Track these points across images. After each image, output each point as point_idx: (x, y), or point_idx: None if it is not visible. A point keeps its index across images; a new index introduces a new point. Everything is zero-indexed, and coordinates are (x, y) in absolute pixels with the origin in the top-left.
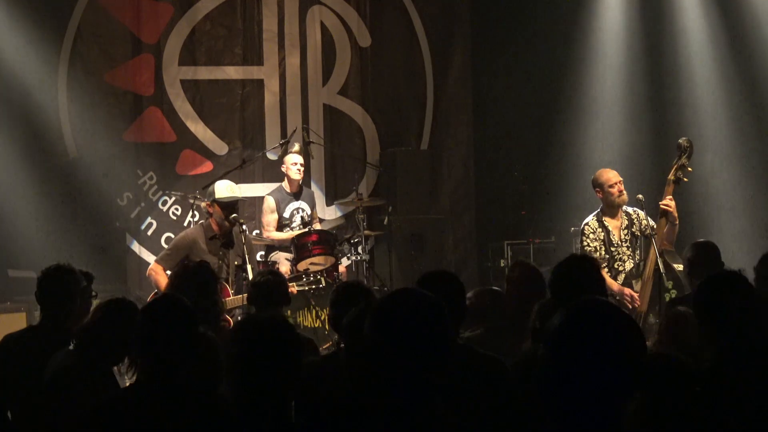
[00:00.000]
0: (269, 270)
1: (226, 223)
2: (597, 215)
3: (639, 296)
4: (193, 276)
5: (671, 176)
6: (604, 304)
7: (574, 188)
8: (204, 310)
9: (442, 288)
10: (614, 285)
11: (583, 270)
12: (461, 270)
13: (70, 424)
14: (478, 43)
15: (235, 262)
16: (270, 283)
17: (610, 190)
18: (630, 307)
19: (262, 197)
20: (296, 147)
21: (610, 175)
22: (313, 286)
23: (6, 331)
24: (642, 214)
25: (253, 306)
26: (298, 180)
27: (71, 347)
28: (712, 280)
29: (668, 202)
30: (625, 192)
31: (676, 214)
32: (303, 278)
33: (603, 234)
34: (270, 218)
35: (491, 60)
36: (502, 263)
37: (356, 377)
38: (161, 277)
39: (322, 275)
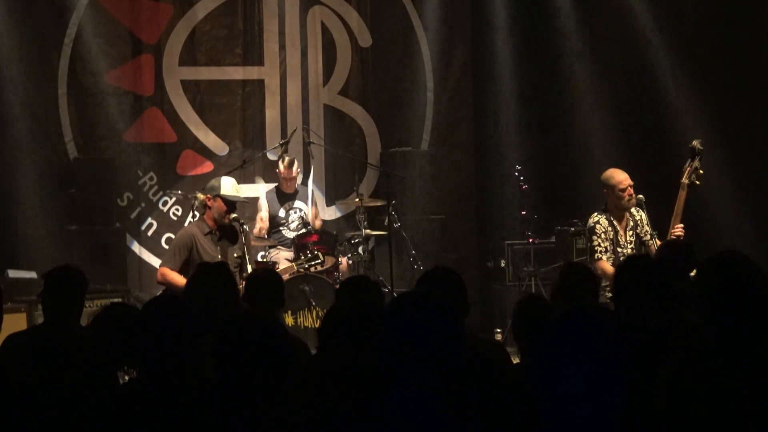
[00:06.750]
0: (265, 269)
1: (225, 220)
2: (606, 215)
3: None
4: (214, 280)
5: (685, 180)
6: (592, 309)
7: (574, 189)
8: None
9: (444, 285)
10: None
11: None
12: (461, 270)
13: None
14: (478, 43)
15: (235, 254)
16: (264, 280)
17: (621, 194)
18: None
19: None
20: (285, 159)
21: (622, 178)
22: (312, 262)
23: (6, 331)
24: (644, 217)
25: (246, 303)
26: (292, 187)
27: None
28: (717, 258)
29: (679, 232)
30: (634, 195)
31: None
32: (301, 257)
33: (612, 234)
34: (258, 217)
35: (491, 60)
36: (502, 263)
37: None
38: (174, 275)
39: (320, 251)
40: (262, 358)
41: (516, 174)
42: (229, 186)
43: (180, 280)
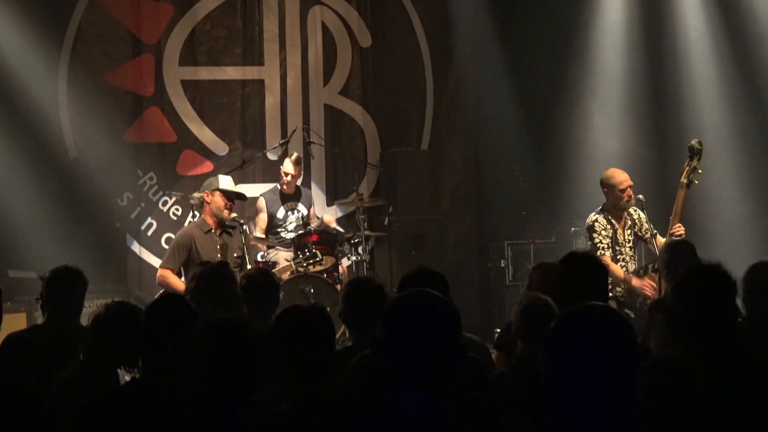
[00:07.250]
0: (258, 269)
1: (224, 214)
2: (604, 214)
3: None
4: (213, 281)
5: (683, 179)
6: (600, 310)
7: (574, 189)
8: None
9: (427, 286)
10: (632, 279)
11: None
12: (461, 270)
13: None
14: (478, 43)
15: (235, 254)
16: (258, 281)
17: (621, 194)
18: (651, 296)
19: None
20: (294, 156)
21: (622, 178)
22: (311, 260)
23: (6, 331)
24: (643, 216)
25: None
26: (292, 187)
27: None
28: (695, 273)
29: (680, 231)
30: (633, 196)
31: (684, 235)
32: (300, 255)
33: (611, 231)
34: (258, 218)
35: (491, 60)
36: (502, 263)
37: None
38: (173, 279)
39: (318, 250)
40: (237, 363)
41: (516, 174)
42: (227, 182)
43: (179, 284)
